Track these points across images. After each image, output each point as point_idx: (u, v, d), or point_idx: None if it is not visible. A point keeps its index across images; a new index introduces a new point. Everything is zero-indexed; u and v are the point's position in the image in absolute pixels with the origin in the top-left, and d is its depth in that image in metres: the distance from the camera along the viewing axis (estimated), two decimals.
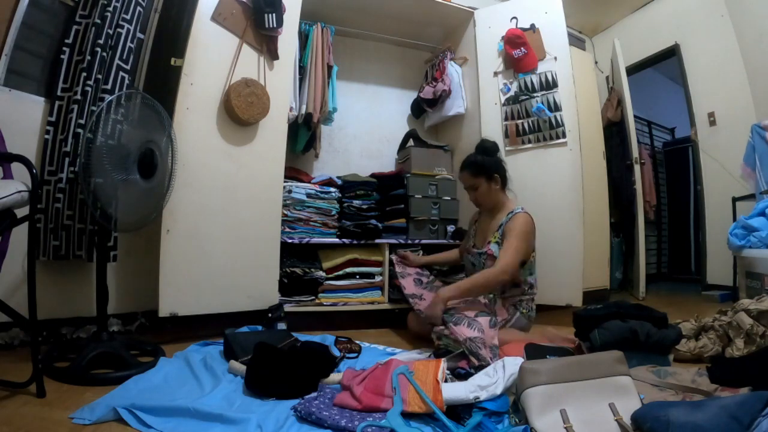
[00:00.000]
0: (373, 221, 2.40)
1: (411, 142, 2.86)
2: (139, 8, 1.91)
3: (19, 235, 1.35)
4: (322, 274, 2.25)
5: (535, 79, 2.55)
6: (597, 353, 1.24)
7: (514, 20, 2.63)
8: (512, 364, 1.20)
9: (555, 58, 2.52)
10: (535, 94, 2.55)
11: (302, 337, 1.81)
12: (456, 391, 1.12)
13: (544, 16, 2.56)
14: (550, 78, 2.52)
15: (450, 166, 2.85)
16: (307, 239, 2.27)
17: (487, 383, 1.14)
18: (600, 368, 1.05)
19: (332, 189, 2.38)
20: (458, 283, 1.83)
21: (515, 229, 1.88)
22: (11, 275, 1.60)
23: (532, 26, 2.57)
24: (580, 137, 2.47)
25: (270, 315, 1.96)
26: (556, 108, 2.49)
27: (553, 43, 2.53)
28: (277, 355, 1.34)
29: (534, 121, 2.55)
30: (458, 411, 1.09)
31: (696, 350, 1.68)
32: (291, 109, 2.30)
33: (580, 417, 0.95)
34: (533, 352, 1.43)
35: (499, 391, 1.12)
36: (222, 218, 1.96)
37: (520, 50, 2.55)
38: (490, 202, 2.05)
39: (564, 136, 2.47)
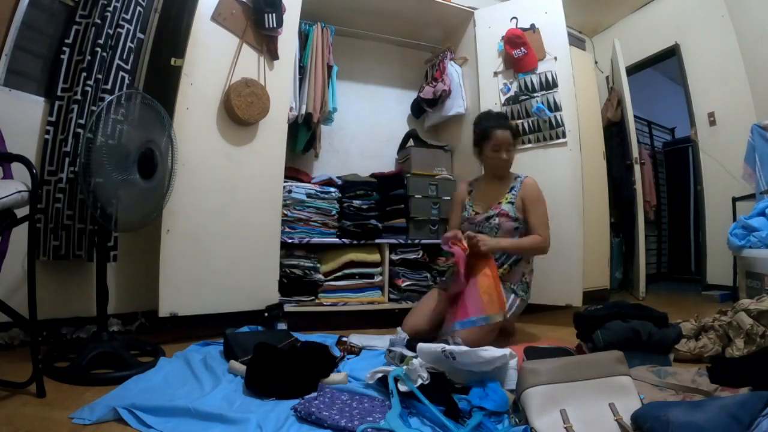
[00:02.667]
0: (373, 221, 2.41)
1: (411, 142, 2.86)
2: (139, 8, 1.91)
3: (19, 235, 1.35)
4: (320, 277, 2.25)
5: (535, 79, 2.55)
6: (597, 353, 1.24)
7: (514, 20, 2.62)
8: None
9: (555, 58, 2.52)
10: (535, 94, 2.55)
11: (302, 337, 1.81)
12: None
13: (544, 16, 2.56)
14: (550, 78, 2.52)
15: (450, 166, 2.84)
16: (307, 239, 2.27)
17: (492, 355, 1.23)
18: (600, 368, 1.05)
19: (332, 189, 2.38)
20: (499, 240, 1.86)
21: (540, 200, 1.93)
22: (11, 275, 1.60)
23: (532, 26, 2.57)
24: (580, 137, 2.47)
25: (266, 314, 1.96)
26: (556, 108, 2.49)
27: (553, 43, 2.53)
28: (277, 355, 1.34)
29: (534, 121, 2.55)
30: (458, 411, 1.09)
31: (696, 350, 1.68)
32: (291, 109, 2.30)
33: (580, 417, 0.95)
34: (533, 355, 1.42)
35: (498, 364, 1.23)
36: (222, 218, 1.96)
37: (520, 50, 2.55)
38: (509, 167, 2.05)
39: (564, 136, 2.47)
